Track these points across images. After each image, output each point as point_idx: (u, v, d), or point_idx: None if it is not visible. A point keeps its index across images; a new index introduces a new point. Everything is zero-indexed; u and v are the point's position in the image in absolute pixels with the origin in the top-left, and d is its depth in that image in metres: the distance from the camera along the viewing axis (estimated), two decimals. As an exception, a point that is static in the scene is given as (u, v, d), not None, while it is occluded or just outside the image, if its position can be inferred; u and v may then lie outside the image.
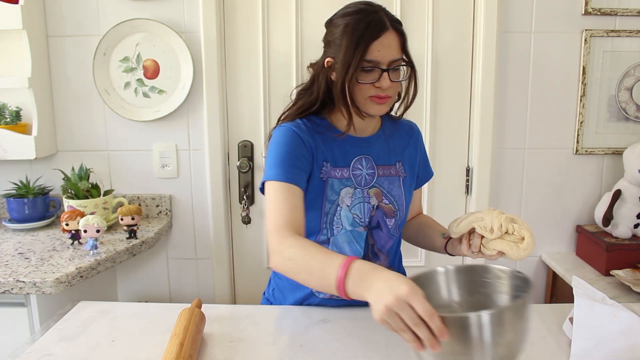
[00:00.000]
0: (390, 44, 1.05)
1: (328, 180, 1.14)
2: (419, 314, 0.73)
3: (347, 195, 1.15)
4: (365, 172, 1.18)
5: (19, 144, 1.80)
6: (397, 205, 1.20)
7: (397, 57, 1.07)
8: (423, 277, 0.93)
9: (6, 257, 1.51)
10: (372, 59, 1.05)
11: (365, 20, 1.05)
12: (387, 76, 1.06)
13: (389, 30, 1.05)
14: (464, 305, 0.94)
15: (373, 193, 1.17)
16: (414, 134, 1.29)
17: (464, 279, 0.95)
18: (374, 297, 0.77)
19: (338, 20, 1.10)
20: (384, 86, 1.07)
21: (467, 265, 0.97)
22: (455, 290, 0.95)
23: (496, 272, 0.92)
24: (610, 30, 1.83)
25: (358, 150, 1.18)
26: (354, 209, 1.15)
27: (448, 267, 0.95)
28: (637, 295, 1.53)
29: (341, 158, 1.16)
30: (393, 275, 0.79)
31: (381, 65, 1.06)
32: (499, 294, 0.92)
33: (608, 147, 1.91)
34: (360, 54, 1.04)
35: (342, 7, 1.11)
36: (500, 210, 1.06)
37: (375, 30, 1.04)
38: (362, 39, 1.04)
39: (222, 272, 2.01)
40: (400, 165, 1.23)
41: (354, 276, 0.83)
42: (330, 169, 1.15)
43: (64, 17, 1.86)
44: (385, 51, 1.05)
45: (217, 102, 1.88)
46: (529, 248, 1.01)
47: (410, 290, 0.73)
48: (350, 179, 1.16)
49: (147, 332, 1.09)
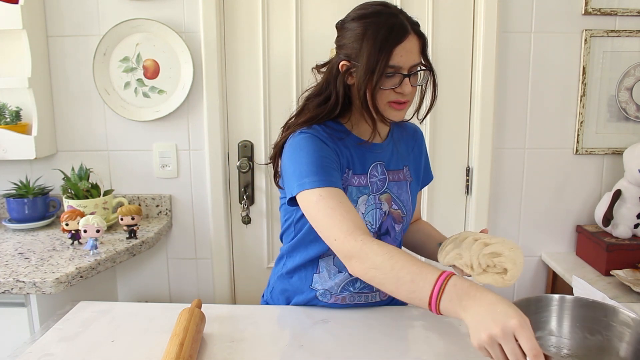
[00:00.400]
0: (412, 48, 1.03)
1: (347, 187, 1.11)
2: (523, 350, 0.69)
3: (362, 202, 1.13)
4: (378, 178, 1.16)
5: (19, 144, 1.79)
6: (405, 211, 1.19)
7: (417, 61, 1.05)
8: (533, 301, 0.89)
9: (6, 257, 1.51)
10: (394, 64, 1.02)
11: (386, 24, 1.01)
12: (409, 81, 1.04)
13: (410, 34, 1.02)
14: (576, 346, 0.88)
15: (384, 199, 1.16)
16: (418, 137, 1.28)
17: (583, 314, 0.88)
18: (475, 322, 0.74)
19: (353, 24, 1.05)
20: (406, 92, 1.04)
21: (592, 300, 0.90)
22: (568, 324, 0.89)
23: (624, 317, 0.84)
24: (610, 30, 1.83)
25: (374, 157, 1.16)
26: (367, 216, 1.13)
27: (566, 297, 0.90)
28: (637, 295, 1.53)
29: (360, 165, 1.13)
30: (497, 300, 0.74)
31: (402, 70, 1.03)
32: (620, 343, 0.84)
33: (608, 147, 1.91)
34: (385, 60, 1.00)
35: (356, 7, 1.08)
36: (483, 241, 1.00)
37: (399, 35, 1.00)
38: (386, 44, 1.00)
39: (222, 272, 2.01)
40: (407, 169, 1.22)
41: (450, 293, 0.78)
42: (351, 176, 1.12)
43: (64, 17, 1.86)
44: (407, 56, 1.02)
45: (217, 102, 1.88)
46: (514, 278, 0.96)
47: (519, 324, 0.70)
48: (367, 186, 1.13)
49: (147, 332, 1.09)
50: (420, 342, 1.05)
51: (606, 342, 0.86)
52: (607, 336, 0.86)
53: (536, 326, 0.91)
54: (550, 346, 0.92)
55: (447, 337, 1.08)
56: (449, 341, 1.06)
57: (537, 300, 0.91)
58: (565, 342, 0.91)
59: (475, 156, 1.92)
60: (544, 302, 0.91)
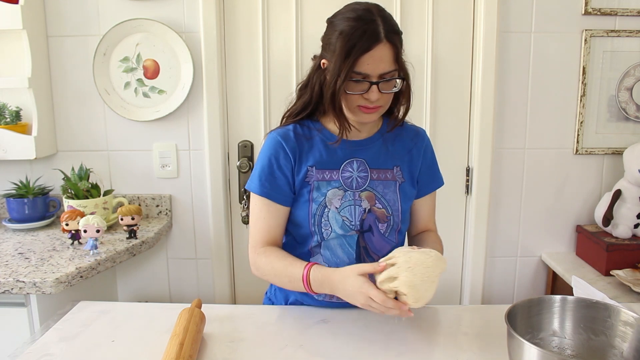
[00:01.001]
0: (382, 56, 1.02)
1: (314, 183, 1.15)
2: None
3: (335, 197, 1.15)
4: (356, 174, 1.17)
5: (19, 144, 1.80)
6: (391, 210, 1.18)
7: (388, 69, 1.04)
8: (534, 302, 0.90)
9: (6, 257, 1.51)
10: (361, 72, 1.03)
11: (359, 29, 1.01)
12: (376, 89, 1.04)
13: (382, 42, 1.02)
14: (580, 346, 0.88)
15: (365, 196, 1.16)
16: (419, 141, 1.25)
17: (588, 315, 0.88)
18: (346, 298, 1.03)
19: (337, 22, 1.07)
20: (372, 99, 1.05)
21: (595, 301, 0.90)
22: (572, 325, 0.90)
23: (627, 317, 0.84)
24: (610, 30, 1.83)
25: (350, 153, 1.17)
26: (343, 212, 1.15)
27: (568, 298, 0.90)
28: (637, 295, 1.53)
29: (329, 161, 1.16)
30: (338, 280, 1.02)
31: (371, 78, 1.04)
32: (623, 343, 0.84)
33: (608, 147, 1.91)
34: (349, 66, 1.02)
35: (346, 5, 1.08)
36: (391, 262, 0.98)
37: (367, 43, 1.01)
38: (353, 51, 1.01)
39: (222, 272, 2.01)
40: (399, 170, 1.20)
41: (315, 282, 1.06)
42: (315, 172, 1.15)
43: (64, 17, 1.86)
44: (375, 64, 1.03)
45: (217, 102, 1.88)
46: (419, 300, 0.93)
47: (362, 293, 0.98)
48: (339, 180, 1.15)
49: (147, 332, 1.09)
50: (420, 342, 1.05)
51: (610, 342, 0.86)
52: (612, 337, 0.86)
53: (539, 327, 0.91)
54: (554, 347, 0.92)
55: (447, 337, 1.08)
56: (448, 341, 1.06)
57: (538, 301, 0.91)
58: (568, 342, 0.91)
59: (475, 156, 1.91)
60: (545, 302, 0.91)
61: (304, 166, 1.16)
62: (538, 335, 0.92)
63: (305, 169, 1.15)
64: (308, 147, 1.16)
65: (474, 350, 1.01)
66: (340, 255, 1.17)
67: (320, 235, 1.16)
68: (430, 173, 1.27)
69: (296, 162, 1.16)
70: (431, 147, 1.28)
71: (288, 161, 1.15)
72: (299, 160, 1.16)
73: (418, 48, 1.88)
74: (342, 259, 1.17)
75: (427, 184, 1.27)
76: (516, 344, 0.79)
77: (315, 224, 1.15)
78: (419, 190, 1.25)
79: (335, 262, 1.17)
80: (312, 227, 1.16)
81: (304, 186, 1.16)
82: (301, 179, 1.15)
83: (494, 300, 2.04)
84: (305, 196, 1.16)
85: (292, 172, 1.16)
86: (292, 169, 1.16)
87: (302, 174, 1.15)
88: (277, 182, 1.15)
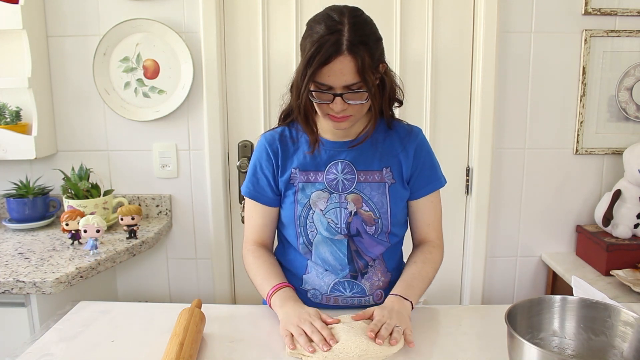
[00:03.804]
0: (342, 69, 0.98)
1: (299, 184, 1.16)
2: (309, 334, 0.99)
3: (320, 199, 1.15)
4: (341, 177, 1.15)
5: (19, 144, 1.80)
6: (379, 213, 1.14)
7: (352, 81, 1.00)
8: (535, 302, 0.90)
9: (6, 257, 1.51)
10: (324, 83, 1.01)
11: (321, 40, 0.98)
12: (341, 100, 1.02)
13: (342, 55, 0.97)
14: (580, 346, 0.89)
15: (351, 199, 1.15)
16: (412, 140, 1.18)
17: (588, 315, 0.88)
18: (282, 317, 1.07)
19: (310, 26, 1.03)
20: (335, 109, 1.04)
21: (596, 301, 0.90)
22: (572, 325, 0.90)
23: (627, 317, 0.84)
24: (610, 30, 1.83)
25: (334, 155, 1.16)
26: (329, 214, 1.14)
27: (568, 298, 0.90)
28: (637, 295, 1.53)
29: (312, 163, 1.16)
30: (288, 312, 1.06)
31: (335, 89, 1.01)
32: (624, 343, 0.84)
33: (608, 147, 1.91)
34: (309, 77, 0.99)
35: (325, 8, 1.05)
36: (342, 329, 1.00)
37: (325, 55, 0.97)
38: (313, 62, 0.98)
39: (222, 272, 2.01)
40: (388, 171, 1.16)
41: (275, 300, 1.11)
42: (299, 174, 1.16)
43: (64, 17, 1.86)
44: (336, 77, 0.99)
45: (217, 102, 1.88)
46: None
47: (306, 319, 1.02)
48: (323, 182, 1.15)
49: (147, 332, 1.09)
50: (420, 342, 1.05)
51: (610, 342, 0.86)
52: (612, 337, 0.86)
53: (539, 327, 0.91)
54: (554, 347, 0.92)
55: (447, 337, 1.07)
56: (448, 341, 1.06)
57: (538, 301, 0.91)
58: (569, 342, 0.91)
59: (475, 156, 1.91)
60: (545, 302, 0.91)
61: (289, 168, 1.17)
62: (538, 335, 0.92)
63: (290, 170, 1.17)
64: (294, 149, 1.18)
65: (474, 350, 1.01)
66: (329, 259, 1.17)
67: (305, 237, 1.16)
68: (426, 173, 1.19)
69: (279, 164, 1.18)
70: (427, 145, 1.21)
71: (270, 164, 1.19)
72: (283, 162, 1.18)
73: (418, 48, 1.88)
74: (333, 265, 1.18)
75: (422, 185, 1.19)
76: (516, 344, 0.79)
77: (301, 225, 1.16)
78: (412, 191, 1.19)
79: (325, 268, 1.18)
80: (298, 228, 1.17)
81: (289, 188, 1.17)
82: (285, 181, 1.17)
83: (494, 300, 2.04)
84: (291, 197, 1.16)
85: (274, 174, 1.19)
86: (274, 171, 1.19)
87: (287, 176, 1.17)
88: (260, 184, 1.20)
